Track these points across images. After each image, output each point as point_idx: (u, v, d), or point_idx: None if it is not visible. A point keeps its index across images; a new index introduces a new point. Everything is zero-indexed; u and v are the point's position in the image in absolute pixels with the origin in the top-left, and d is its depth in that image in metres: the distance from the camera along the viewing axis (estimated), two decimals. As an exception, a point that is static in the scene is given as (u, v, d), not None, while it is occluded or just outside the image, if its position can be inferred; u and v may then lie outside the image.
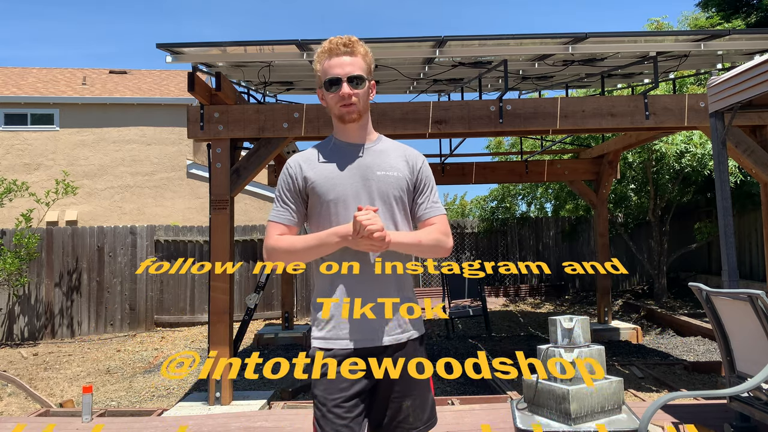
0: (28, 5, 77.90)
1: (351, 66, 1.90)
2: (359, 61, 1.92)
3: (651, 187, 10.42)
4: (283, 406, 5.13)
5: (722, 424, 3.70)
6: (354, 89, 1.89)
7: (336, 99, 1.91)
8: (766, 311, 3.01)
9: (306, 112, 5.25)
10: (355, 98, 1.89)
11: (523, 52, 5.35)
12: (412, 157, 2.01)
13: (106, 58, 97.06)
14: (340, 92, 1.89)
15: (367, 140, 1.99)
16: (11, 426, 4.39)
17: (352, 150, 1.96)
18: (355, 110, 1.91)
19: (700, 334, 8.32)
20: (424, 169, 2.02)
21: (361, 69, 1.92)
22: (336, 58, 1.90)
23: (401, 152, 2.01)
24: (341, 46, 1.90)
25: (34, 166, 14.24)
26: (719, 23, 12.97)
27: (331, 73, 1.90)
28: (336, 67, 1.89)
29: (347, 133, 1.97)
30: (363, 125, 1.97)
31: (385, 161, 1.95)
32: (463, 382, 6.34)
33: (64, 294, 10.49)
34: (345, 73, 1.89)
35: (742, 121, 5.21)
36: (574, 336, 3.32)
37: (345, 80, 1.88)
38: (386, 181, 1.92)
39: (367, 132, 1.99)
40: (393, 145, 2.03)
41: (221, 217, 5.16)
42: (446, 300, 9.32)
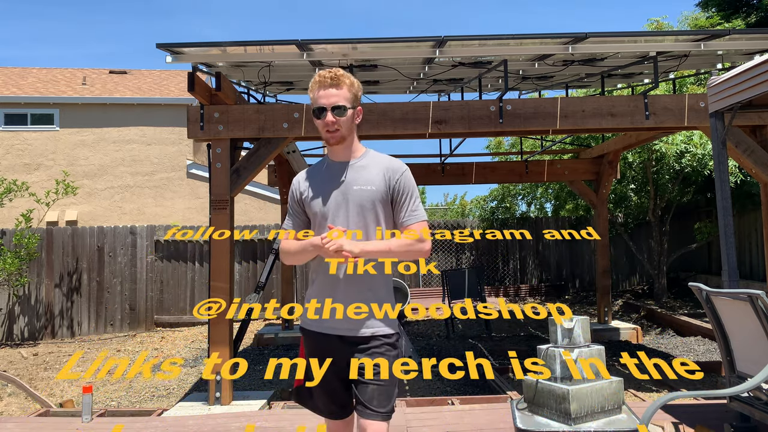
0: (28, 5, 77.84)
1: (336, 97, 2.19)
2: (344, 92, 2.20)
3: (651, 187, 10.42)
4: (283, 406, 5.12)
5: (722, 424, 3.70)
6: (337, 117, 2.19)
7: (322, 125, 2.22)
8: (766, 311, 3.01)
9: (306, 112, 5.25)
10: (337, 125, 2.19)
11: (523, 52, 5.35)
12: (390, 170, 2.26)
13: (106, 58, 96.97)
14: (325, 120, 2.19)
15: (351, 158, 2.28)
16: (11, 426, 4.39)
17: (338, 168, 2.28)
18: (338, 135, 2.22)
19: (700, 334, 8.32)
20: (402, 180, 2.26)
21: (346, 99, 2.20)
22: (323, 90, 2.20)
23: (382, 167, 2.26)
24: (328, 79, 2.19)
25: (34, 166, 14.24)
26: (719, 23, 12.97)
27: (318, 103, 2.20)
28: (322, 98, 2.19)
29: (334, 153, 2.29)
30: (347, 146, 2.27)
31: (363, 176, 2.24)
32: (463, 382, 6.34)
33: (64, 294, 10.49)
34: (329, 104, 2.19)
35: (742, 121, 5.21)
36: (574, 336, 3.32)
37: (329, 109, 2.18)
38: (361, 195, 2.21)
39: (352, 150, 2.29)
40: (375, 160, 2.29)
41: (221, 217, 5.15)
42: (446, 300, 9.31)
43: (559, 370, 3.24)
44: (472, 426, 4.10)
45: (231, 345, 5.19)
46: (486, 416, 4.32)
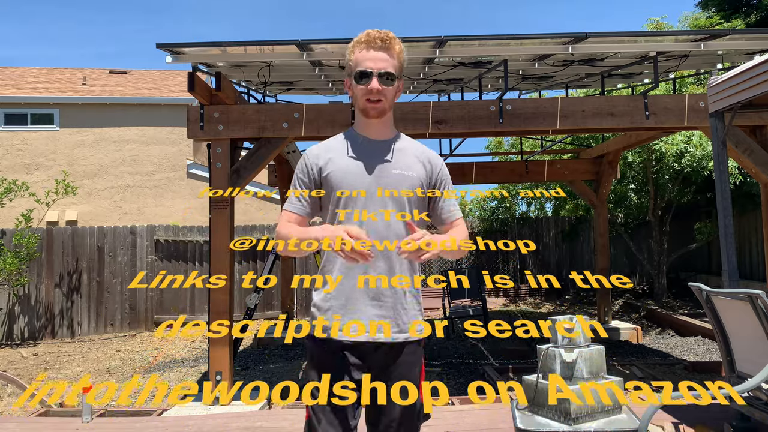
0: (28, 5, 77.79)
1: (384, 62, 1.89)
2: (393, 59, 1.91)
3: (651, 187, 10.42)
4: (283, 406, 5.12)
5: (722, 424, 3.70)
6: (383, 86, 1.89)
7: (363, 92, 1.90)
8: (766, 311, 3.01)
9: (306, 112, 5.25)
10: (381, 95, 1.90)
11: (523, 52, 5.35)
12: (431, 159, 2.02)
13: (106, 58, 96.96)
14: (369, 86, 1.88)
15: (388, 137, 1.99)
16: (11, 426, 4.39)
17: (372, 146, 1.96)
18: (380, 107, 1.92)
19: (700, 334, 8.32)
20: (444, 171, 2.04)
21: (394, 67, 1.91)
22: (372, 51, 1.89)
23: (420, 152, 2.02)
24: (378, 40, 1.90)
25: (34, 166, 14.24)
26: (719, 23, 12.97)
27: (364, 65, 1.89)
28: (369, 61, 1.89)
29: (369, 129, 1.97)
30: (385, 122, 1.98)
31: (403, 160, 1.96)
32: (464, 381, 6.34)
33: (64, 294, 10.49)
34: (377, 68, 1.88)
35: (742, 121, 5.21)
36: (574, 336, 3.32)
37: (376, 75, 1.88)
38: (400, 180, 1.93)
39: (389, 129, 2.00)
40: (412, 144, 2.04)
41: (221, 217, 5.16)
42: (446, 300, 9.31)
43: (559, 370, 3.24)
44: (473, 426, 4.10)
45: (231, 345, 5.19)
46: (486, 416, 4.32)
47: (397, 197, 1.92)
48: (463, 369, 6.88)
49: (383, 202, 1.91)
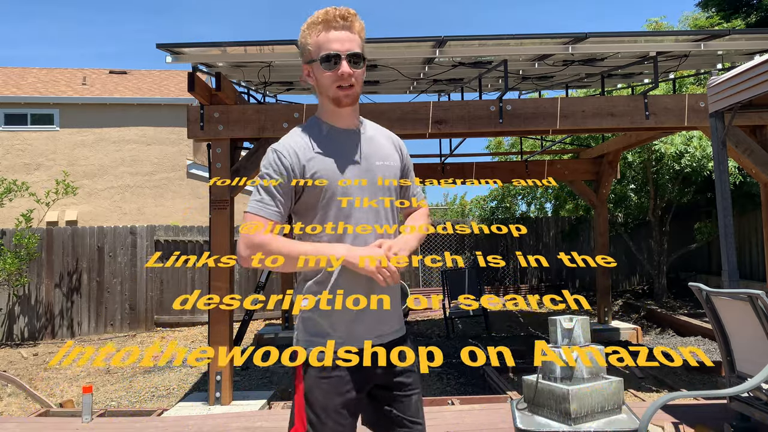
0: (28, 5, 77.90)
1: (350, 42, 1.70)
2: (356, 37, 1.73)
3: (651, 187, 10.42)
4: (283, 406, 5.12)
5: (722, 424, 3.70)
6: (353, 69, 1.71)
7: (333, 78, 1.71)
8: (766, 311, 3.01)
9: (306, 112, 5.25)
10: (354, 79, 1.72)
11: (523, 52, 5.35)
12: (397, 142, 1.95)
13: (106, 58, 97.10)
14: (340, 71, 1.69)
15: (357, 126, 1.84)
16: (11, 426, 4.39)
17: (348, 137, 1.80)
18: (354, 93, 1.74)
19: (700, 334, 8.32)
20: (407, 153, 1.96)
21: (360, 46, 1.73)
22: (334, 32, 1.70)
23: (388, 138, 1.92)
24: (339, 18, 1.70)
25: (34, 166, 14.24)
26: (719, 23, 12.97)
27: (329, 47, 1.69)
28: (334, 42, 1.69)
29: (340, 118, 1.80)
30: (355, 109, 1.81)
31: (381, 150, 1.85)
32: (464, 382, 6.34)
33: (64, 294, 10.49)
34: (345, 50, 1.69)
35: (742, 121, 5.21)
36: (574, 336, 3.32)
37: (344, 57, 1.69)
38: (386, 171, 1.82)
39: (357, 116, 1.84)
40: (377, 130, 1.93)
41: (221, 217, 5.16)
42: (446, 300, 9.32)
43: (559, 370, 3.24)
44: (473, 426, 4.10)
45: (231, 345, 5.19)
46: (486, 416, 4.32)
47: (387, 189, 1.82)
48: (463, 369, 6.88)
49: (379, 196, 1.79)
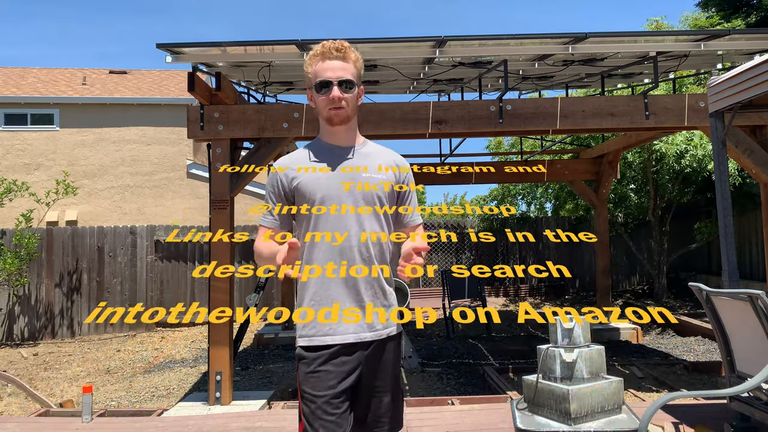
0: (28, 5, 77.87)
1: (342, 71, 1.97)
2: (350, 66, 1.99)
3: (651, 187, 10.42)
4: (283, 406, 5.12)
5: (722, 424, 3.70)
6: (344, 93, 1.96)
7: (326, 102, 1.97)
8: (766, 311, 3.01)
9: (306, 112, 5.25)
10: (344, 102, 1.96)
11: (523, 52, 5.35)
12: (397, 163, 2.10)
13: (106, 58, 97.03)
14: (330, 95, 1.96)
15: (355, 142, 2.07)
16: (11, 426, 4.39)
17: (340, 152, 2.03)
18: (343, 114, 1.98)
19: (700, 334, 8.33)
20: (409, 177, 2.13)
21: (352, 74, 1.98)
22: (328, 61, 1.97)
23: (387, 157, 2.10)
24: (333, 50, 1.97)
25: (34, 166, 14.24)
26: (719, 23, 12.97)
27: (323, 76, 1.96)
28: (327, 71, 1.96)
29: (335, 136, 2.04)
30: (351, 128, 2.05)
31: (372, 164, 2.04)
32: (464, 382, 6.34)
33: (64, 294, 10.49)
34: (336, 77, 1.96)
35: (742, 121, 5.21)
36: (574, 336, 3.32)
37: (336, 84, 1.96)
38: (371, 182, 2.00)
39: (355, 135, 2.07)
40: (379, 149, 2.12)
41: (221, 217, 5.16)
42: (446, 300, 9.32)
43: (559, 370, 3.24)
44: (473, 426, 4.10)
45: (231, 345, 5.19)
46: (486, 416, 4.32)
47: (370, 200, 1.98)
48: (463, 369, 6.89)
49: (359, 203, 1.97)
